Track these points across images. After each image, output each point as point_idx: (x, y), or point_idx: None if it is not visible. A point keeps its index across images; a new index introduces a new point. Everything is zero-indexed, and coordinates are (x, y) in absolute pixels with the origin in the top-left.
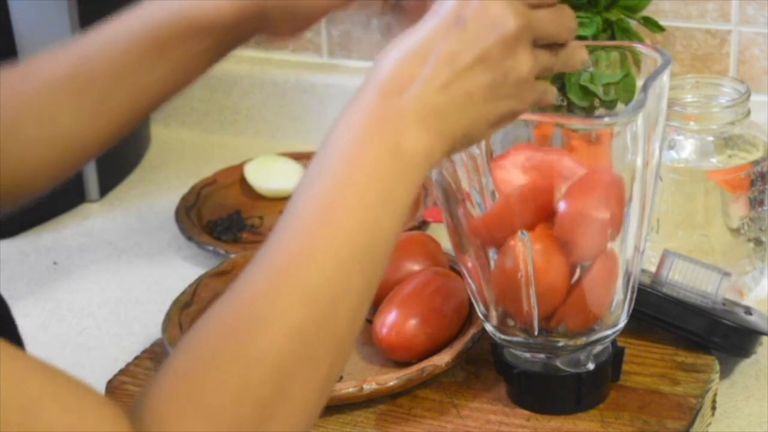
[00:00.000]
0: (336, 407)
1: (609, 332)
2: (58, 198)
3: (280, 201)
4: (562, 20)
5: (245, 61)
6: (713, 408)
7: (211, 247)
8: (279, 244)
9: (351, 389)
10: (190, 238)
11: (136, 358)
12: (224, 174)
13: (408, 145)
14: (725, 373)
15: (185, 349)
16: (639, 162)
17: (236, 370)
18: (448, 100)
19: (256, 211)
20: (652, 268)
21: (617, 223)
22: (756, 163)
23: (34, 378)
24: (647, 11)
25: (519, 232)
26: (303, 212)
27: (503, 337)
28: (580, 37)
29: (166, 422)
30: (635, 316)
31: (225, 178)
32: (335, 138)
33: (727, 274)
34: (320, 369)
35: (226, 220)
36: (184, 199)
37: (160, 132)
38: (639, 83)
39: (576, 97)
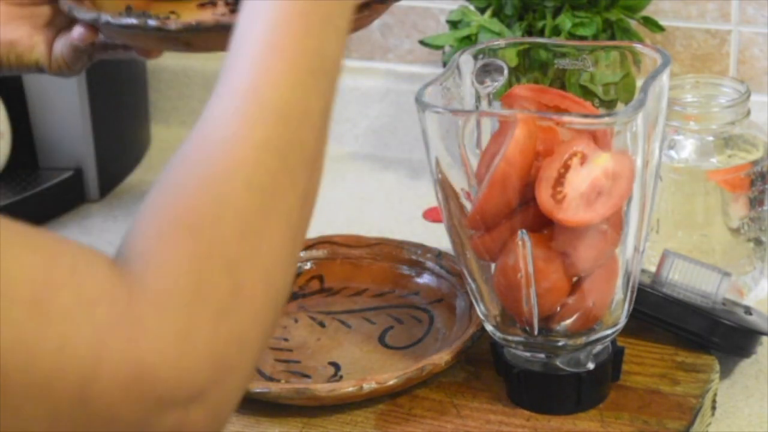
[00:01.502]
0: (336, 407)
1: (609, 332)
2: (58, 198)
3: None
4: None
5: None
6: (713, 408)
7: (129, 21)
8: (235, 75)
9: (350, 388)
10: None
11: None
12: None
13: None
14: (725, 373)
15: (160, 182)
16: (639, 162)
17: (211, 187)
18: None
19: (153, 9)
20: (652, 268)
21: (616, 239)
22: (756, 163)
23: None
24: (647, 11)
25: (519, 232)
26: (250, 45)
27: (503, 336)
28: (580, 37)
29: (146, 249)
30: (635, 316)
31: None
32: None
33: (727, 274)
34: (297, 184)
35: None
36: None
37: (160, 132)
38: (639, 83)
39: (576, 96)
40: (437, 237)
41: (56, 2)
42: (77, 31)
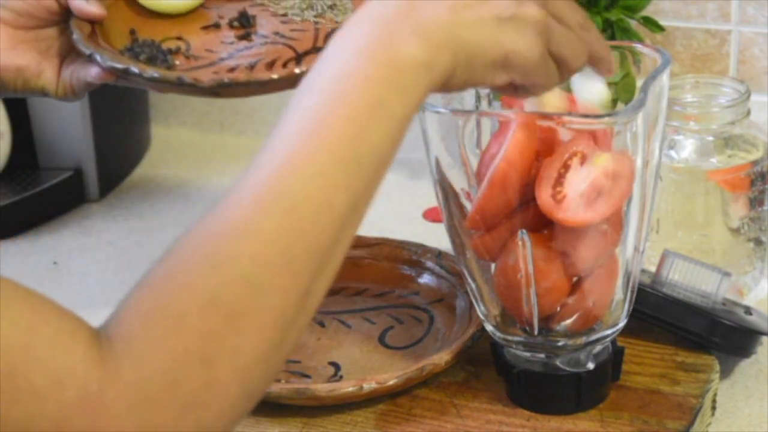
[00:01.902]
0: (336, 407)
1: (609, 332)
2: (58, 198)
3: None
4: (574, 7)
5: None
6: (713, 408)
7: (157, 74)
8: (263, 161)
9: (350, 388)
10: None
11: None
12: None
13: (403, 53)
14: (725, 373)
15: (159, 261)
16: (639, 162)
17: (204, 276)
18: (452, 15)
19: (158, 33)
20: (652, 268)
21: (616, 239)
22: (756, 163)
23: None
24: (647, 11)
25: (519, 232)
26: (289, 128)
27: (503, 336)
28: None
29: (130, 332)
30: (635, 316)
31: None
32: (328, 54)
33: (727, 274)
34: (298, 281)
35: (141, 47)
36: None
37: (160, 132)
38: (639, 83)
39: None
40: (437, 237)
41: (61, 24)
42: (95, 72)
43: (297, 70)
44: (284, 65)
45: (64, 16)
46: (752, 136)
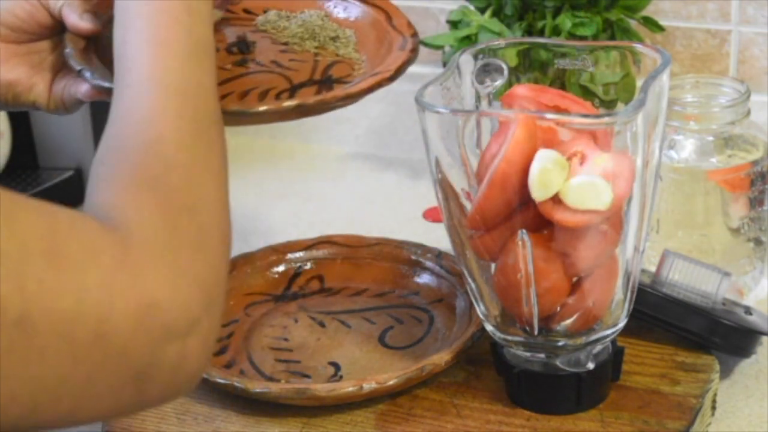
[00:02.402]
0: (336, 407)
1: (609, 332)
2: (58, 198)
3: None
4: None
5: None
6: (713, 408)
7: None
8: (130, 69)
9: (350, 388)
10: None
11: None
12: None
13: None
14: (725, 373)
15: (99, 158)
16: (639, 162)
17: (149, 150)
18: None
19: None
20: (652, 268)
21: (616, 239)
22: (756, 163)
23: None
24: (647, 11)
25: (519, 232)
26: (135, 41)
27: (503, 336)
28: (581, 37)
29: (119, 207)
30: (635, 316)
31: None
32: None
33: (727, 274)
34: (213, 142)
35: None
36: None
37: None
38: (639, 83)
39: (576, 96)
40: (437, 237)
41: (54, 38)
42: (85, 90)
43: (287, 103)
44: (277, 96)
45: (58, 31)
46: (752, 136)
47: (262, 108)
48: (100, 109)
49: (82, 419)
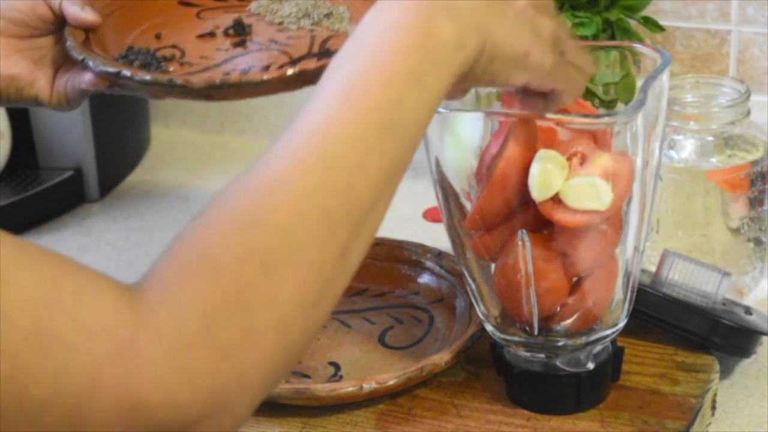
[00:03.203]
0: (336, 407)
1: (609, 332)
2: (58, 198)
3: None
4: (583, 50)
5: None
6: (713, 408)
7: (149, 77)
8: (300, 124)
9: (350, 388)
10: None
11: None
12: None
13: (438, 32)
14: (725, 373)
15: (195, 216)
16: (639, 162)
17: (241, 228)
18: (484, 4)
19: (153, 43)
20: (652, 268)
21: (616, 239)
22: (756, 163)
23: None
24: (647, 11)
25: (519, 232)
26: (326, 94)
27: (503, 336)
28: (581, 37)
29: (164, 280)
30: (635, 316)
31: None
32: (363, 27)
33: (727, 274)
34: (334, 238)
35: (136, 55)
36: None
37: (160, 132)
38: (639, 83)
39: None
40: (437, 237)
41: (55, 33)
42: (88, 78)
43: (290, 71)
44: (279, 68)
45: (59, 26)
46: (752, 136)
47: (266, 77)
48: (100, 109)
49: None
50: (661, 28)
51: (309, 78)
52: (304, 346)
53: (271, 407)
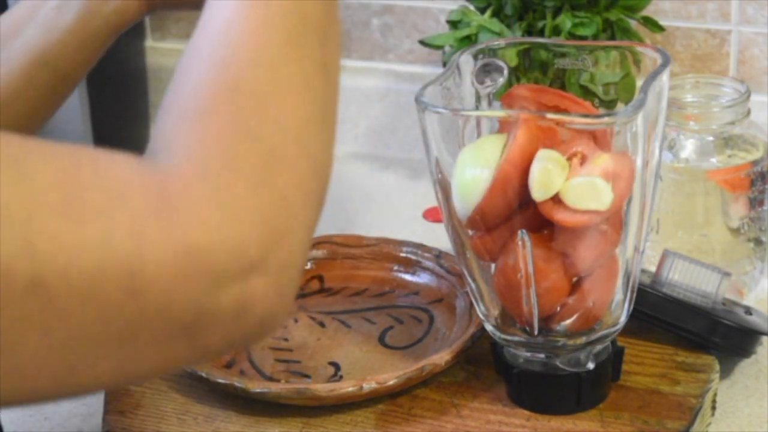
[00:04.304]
0: (336, 407)
1: (609, 332)
2: None
3: None
4: None
5: None
6: (713, 408)
7: None
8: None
9: (350, 388)
10: None
11: None
12: None
13: None
14: (725, 373)
15: (173, 83)
16: (639, 162)
17: (220, 73)
18: None
19: None
20: (652, 268)
21: (616, 239)
22: (756, 163)
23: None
24: (647, 11)
25: (519, 232)
26: None
27: (503, 336)
28: (580, 37)
29: (170, 141)
30: (635, 316)
31: None
32: None
33: (727, 274)
34: (307, 52)
35: None
36: None
37: None
38: (639, 83)
39: (576, 96)
40: (437, 237)
41: None
42: None
43: None
44: None
45: None
46: (752, 136)
47: None
48: (100, 109)
49: (131, 377)
50: (661, 28)
51: None
52: (326, 167)
53: (271, 407)
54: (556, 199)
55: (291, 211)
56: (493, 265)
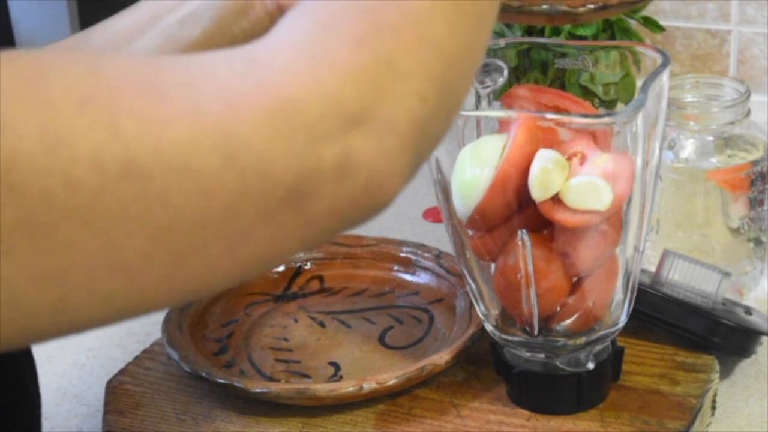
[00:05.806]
0: (336, 407)
1: (609, 332)
2: None
3: None
4: None
5: None
6: (713, 408)
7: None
8: None
9: (350, 388)
10: None
11: (136, 358)
12: None
13: None
14: (725, 373)
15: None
16: (639, 162)
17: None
18: None
19: None
20: (652, 268)
21: (616, 239)
22: (756, 163)
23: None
24: (647, 11)
25: (519, 232)
26: None
27: (503, 336)
28: (581, 37)
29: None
30: (635, 316)
31: None
32: None
33: (727, 274)
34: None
35: None
36: None
37: None
38: (639, 83)
39: (576, 96)
40: (437, 237)
41: None
42: None
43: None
44: None
45: None
46: (752, 136)
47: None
48: None
49: (245, 265)
50: (661, 28)
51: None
52: (459, 57)
53: (271, 407)
54: (556, 199)
55: (398, 75)
56: (493, 265)
